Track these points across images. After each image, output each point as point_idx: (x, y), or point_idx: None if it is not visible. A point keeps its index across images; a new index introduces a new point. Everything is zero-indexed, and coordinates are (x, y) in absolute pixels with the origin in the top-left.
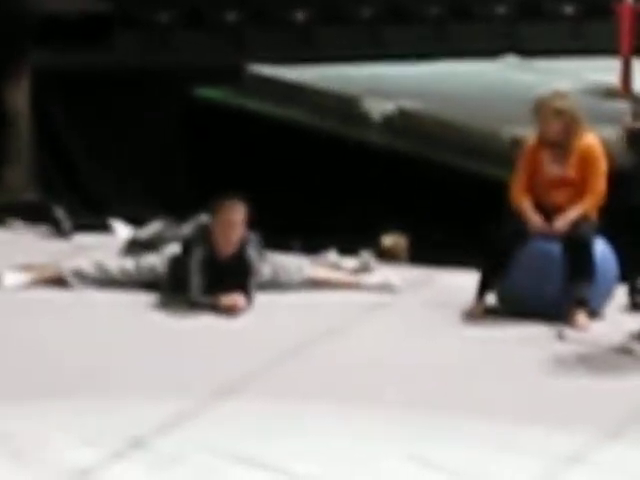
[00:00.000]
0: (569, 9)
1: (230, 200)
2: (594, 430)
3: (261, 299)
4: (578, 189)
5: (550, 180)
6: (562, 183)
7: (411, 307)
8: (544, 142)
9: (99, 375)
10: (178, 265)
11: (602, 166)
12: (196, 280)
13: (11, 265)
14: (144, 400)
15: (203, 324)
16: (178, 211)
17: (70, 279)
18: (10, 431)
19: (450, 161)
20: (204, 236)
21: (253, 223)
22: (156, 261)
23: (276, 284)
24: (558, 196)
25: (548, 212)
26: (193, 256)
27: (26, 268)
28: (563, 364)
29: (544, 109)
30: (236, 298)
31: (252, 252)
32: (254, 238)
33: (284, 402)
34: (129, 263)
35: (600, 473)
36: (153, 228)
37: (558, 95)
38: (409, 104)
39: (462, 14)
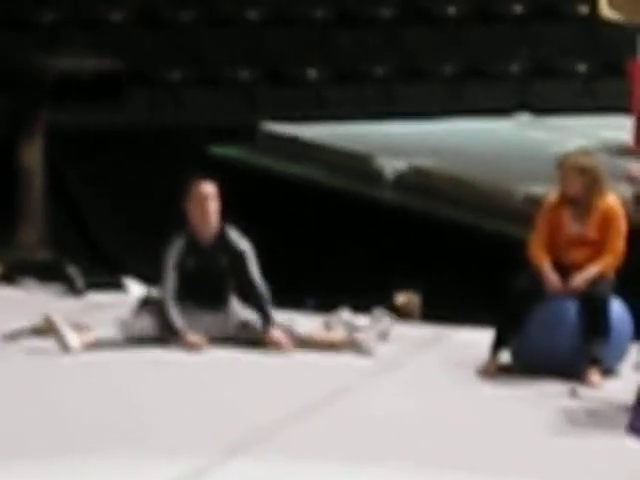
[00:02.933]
0: (582, 67)
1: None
2: None
3: (274, 357)
4: (597, 248)
5: (570, 238)
6: (582, 242)
7: (424, 364)
8: (565, 200)
9: (113, 433)
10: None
11: (622, 226)
12: (170, 281)
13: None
14: (158, 458)
15: (214, 379)
16: None
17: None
18: None
19: (463, 219)
20: (184, 226)
21: (268, 280)
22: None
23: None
24: (577, 254)
25: (565, 269)
26: (172, 249)
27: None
28: (576, 422)
29: (567, 166)
30: (279, 336)
31: (234, 235)
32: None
33: (296, 460)
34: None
35: None
36: None
37: (582, 153)
38: (422, 162)
39: (475, 72)
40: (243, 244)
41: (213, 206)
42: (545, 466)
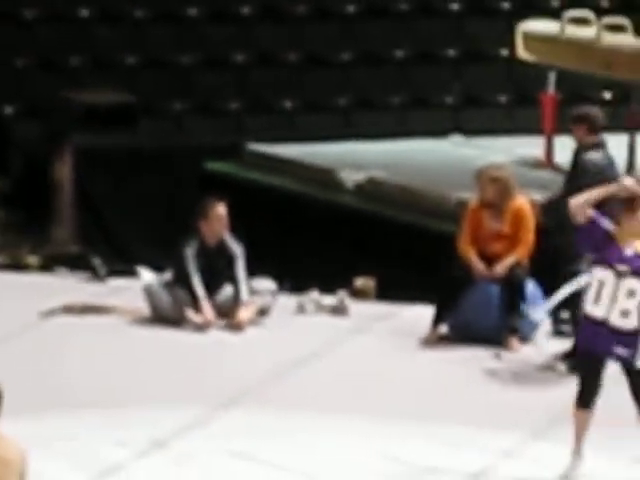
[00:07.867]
0: (503, 98)
1: (214, 199)
2: (524, 431)
3: (251, 331)
4: (512, 241)
5: (489, 234)
6: (499, 236)
7: (378, 335)
8: (483, 203)
9: (127, 388)
10: (179, 258)
11: (531, 222)
12: (192, 266)
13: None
14: (164, 408)
15: (210, 343)
16: None
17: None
18: (61, 437)
19: (409, 220)
20: (195, 233)
21: (254, 269)
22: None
23: None
24: (496, 247)
25: (488, 259)
26: (189, 247)
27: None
28: (499, 379)
29: (483, 177)
30: (241, 316)
31: (231, 241)
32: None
33: (279, 411)
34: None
35: (529, 465)
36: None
37: (494, 166)
38: (376, 174)
39: (419, 103)
40: (236, 248)
41: (224, 223)
42: (474, 413)
